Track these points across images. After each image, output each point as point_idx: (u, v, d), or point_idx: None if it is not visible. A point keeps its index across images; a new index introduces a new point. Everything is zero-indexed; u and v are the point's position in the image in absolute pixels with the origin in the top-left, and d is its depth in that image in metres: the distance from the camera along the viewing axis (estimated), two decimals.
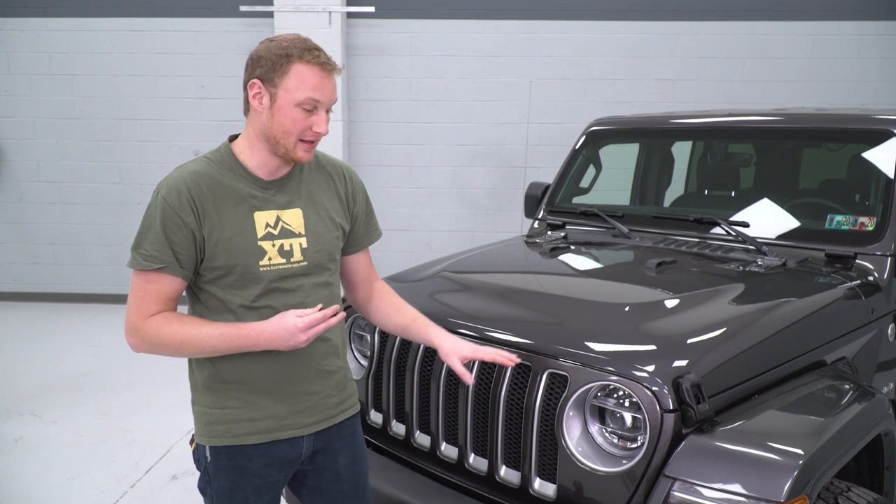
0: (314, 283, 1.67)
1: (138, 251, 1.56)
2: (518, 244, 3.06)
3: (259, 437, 1.65)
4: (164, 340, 1.55)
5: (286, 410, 1.67)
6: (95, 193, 6.74)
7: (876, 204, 2.61)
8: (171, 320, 1.57)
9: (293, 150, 1.59)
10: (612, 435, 1.80)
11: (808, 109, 3.31)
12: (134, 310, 1.57)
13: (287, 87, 1.54)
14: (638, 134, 3.54)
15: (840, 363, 2.20)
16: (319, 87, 1.56)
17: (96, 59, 6.51)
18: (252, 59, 1.59)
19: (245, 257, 1.58)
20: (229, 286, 1.60)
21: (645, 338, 1.92)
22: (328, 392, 1.73)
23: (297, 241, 1.64)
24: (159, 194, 1.56)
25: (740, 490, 1.55)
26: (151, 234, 1.55)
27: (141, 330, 1.57)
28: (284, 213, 1.64)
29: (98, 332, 5.91)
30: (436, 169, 6.64)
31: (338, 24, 6.19)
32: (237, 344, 1.56)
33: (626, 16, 6.32)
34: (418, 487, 2.13)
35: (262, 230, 1.60)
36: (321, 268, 1.69)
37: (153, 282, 1.56)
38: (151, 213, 1.56)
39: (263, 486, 1.69)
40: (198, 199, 1.55)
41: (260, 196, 1.62)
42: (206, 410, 1.67)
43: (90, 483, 3.37)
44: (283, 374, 1.65)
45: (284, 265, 1.62)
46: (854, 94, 6.26)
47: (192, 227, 1.55)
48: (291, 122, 1.56)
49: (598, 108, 5.93)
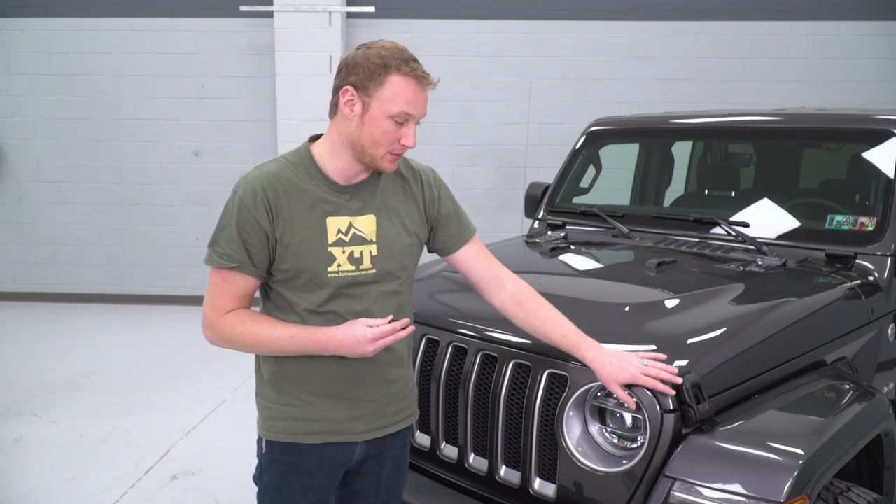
0: (382, 290, 1.65)
1: (214, 248, 1.59)
2: (518, 244, 3.05)
3: (314, 438, 1.66)
4: (237, 338, 1.59)
5: (344, 415, 1.67)
6: (95, 193, 6.74)
7: (876, 204, 2.61)
8: (245, 319, 1.59)
9: (380, 160, 1.58)
10: (612, 435, 1.80)
11: (808, 109, 3.31)
12: (210, 306, 1.61)
13: (382, 98, 1.53)
14: (638, 134, 3.54)
15: (840, 363, 2.20)
16: (414, 100, 1.55)
17: (96, 59, 6.52)
18: (347, 64, 1.56)
19: (313, 263, 1.58)
20: (297, 289, 1.61)
21: (645, 338, 1.92)
22: (387, 401, 1.72)
23: (368, 249, 1.63)
24: (237, 194, 1.58)
25: (740, 490, 1.55)
26: (227, 233, 1.57)
27: (216, 326, 1.60)
28: (357, 219, 1.62)
29: (98, 332, 5.92)
30: (436, 169, 6.61)
31: (338, 24, 6.19)
32: (307, 347, 1.58)
33: (626, 16, 6.33)
34: (418, 487, 2.13)
35: (334, 236, 1.59)
36: (390, 276, 1.67)
37: (228, 280, 1.59)
38: (229, 211, 1.58)
39: (311, 487, 1.69)
40: (273, 201, 1.56)
41: (333, 201, 1.61)
42: (268, 405, 1.69)
43: (90, 483, 3.37)
44: (344, 380, 1.66)
45: (353, 272, 1.61)
46: (854, 94, 6.26)
47: (266, 228, 1.56)
48: (382, 134, 1.55)
49: (598, 108, 5.93)
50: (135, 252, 6.83)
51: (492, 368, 2.01)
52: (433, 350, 2.18)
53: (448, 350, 2.12)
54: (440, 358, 2.14)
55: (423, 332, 2.20)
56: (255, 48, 6.45)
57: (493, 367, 2.01)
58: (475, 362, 2.04)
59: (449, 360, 2.12)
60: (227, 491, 3.30)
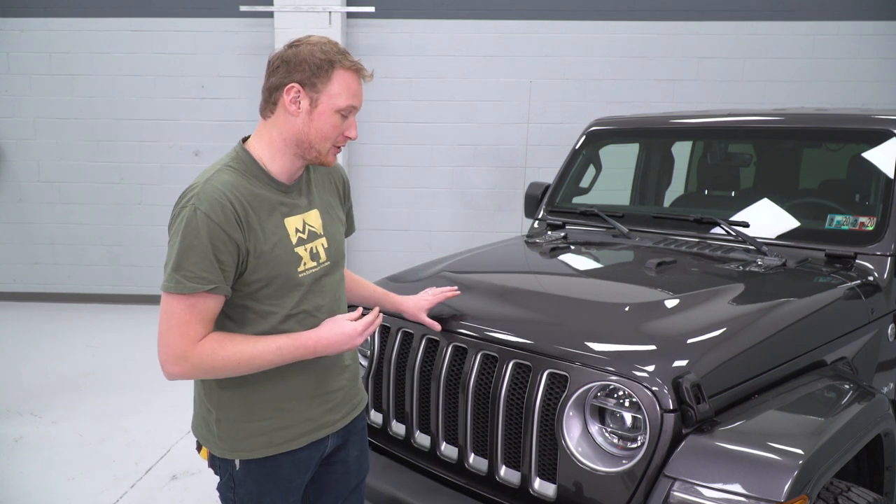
0: (333, 280, 1.71)
1: (181, 273, 1.44)
2: (518, 244, 3.05)
3: (297, 443, 1.66)
4: (220, 364, 1.48)
5: (320, 410, 1.69)
6: (95, 193, 6.74)
7: (876, 204, 2.61)
8: (224, 342, 1.50)
9: (325, 154, 1.60)
10: (612, 435, 1.80)
11: (808, 109, 3.31)
12: (177, 337, 1.46)
13: (330, 93, 1.54)
14: (638, 134, 3.54)
15: (840, 363, 2.20)
16: (358, 93, 1.59)
17: (96, 59, 6.52)
18: (287, 61, 1.54)
19: (286, 266, 1.58)
20: (267, 297, 1.57)
21: (645, 338, 1.92)
22: (349, 385, 1.78)
23: (321, 242, 1.68)
24: (198, 210, 1.45)
25: (740, 490, 1.55)
26: (196, 254, 1.44)
27: (192, 357, 1.47)
28: (307, 215, 1.67)
29: (98, 332, 5.92)
30: (436, 169, 6.64)
31: (338, 24, 6.19)
32: (296, 354, 1.56)
33: (626, 16, 6.33)
34: (418, 487, 2.13)
35: (294, 236, 1.61)
36: (337, 265, 1.74)
37: (197, 305, 1.47)
38: (192, 230, 1.45)
39: (290, 490, 1.70)
40: (241, 212, 1.50)
41: (286, 202, 1.62)
42: (239, 426, 1.62)
43: (90, 483, 3.37)
44: (315, 377, 1.68)
45: (315, 268, 1.65)
46: (854, 94, 6.26)
47: (238, 241, 1.49)
48: (331, 128, 1.57)
49: (598, 108, 5.93)
50: (135, 252, 6.83)
51: (492, 368, 2.01)
52: (433, 350, 2.18)
53: (448, 350, 2.12)
54: (440, 358, 2.14)
55: (423, 332, 2.20)
56: (255, 48, 6.45)
57: (492, 367, 2.01)
58: (475, 362, 2.04)
59: (449, 360, 2.12)
60: None
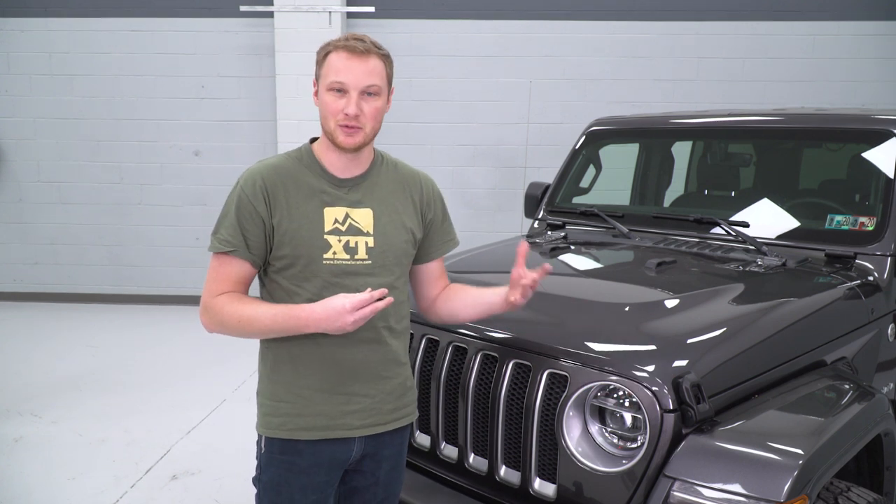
0: (379, 283, 1.68)
1: (216, 236, 1.67)
2: (518, 244, 3.05)
3: (310, 434, 1.68)
4: (226, 319, 1.63)
5: (337, 410, 1.69)
6: (95, 193, 6.74)
7: (876, 204, 2.61)
8: (233, 300, 1.64)
9: (335, 134, 1.65)
10: (612, 435, 1.80)
11: (808, 109, 3.31)
12: (206, 289, 1.68)
13: (322, 76, 1.65)
14: (638, 134, 3.54)
15: (840, 363, 2.20)
16: (343, 69, 1.62)
17: (96, 59, 6.52)
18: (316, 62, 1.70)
19: (309, 249, 1.64)
20: (294, 277, 1.66)
21: (645, 338, 1.92)
22: (382, 398, 1.74)
23: (364, 240, 1.68)
24: (238, 184, 1.68)
25: (740, 490, 1.55)
26: (227, 220, 1.66)
27: (209, 308, 1.66)
28: (354, 210, 1.69)
29: (98, 332, 5.92)
30: (436, 169, 6.60)
31: (338, 24, 6.19)
32: (289, 324, 1.60)
33: (626, 16, 6.33)
34: (418, 487, 2.13)
35: (330, 225, 1.66)
36: (386, 269, 1.71)
37: (225, 264, 1.66)
38: (230, 200, 1.67)
39: (309, 486, 1.70)
40: (271, 189, 1.65)
41: (332, 192, 1.68)
42: (266, 402, 1.73)
43: (90, 483, 3.37)
44: (337, 374, 1.68)
45: (347, 261, 1.66)
46: (854, 94, 6.26)
47: (263, 215, 1.64)
48: (325, 106, 1.64)
49: (598, 108, 5.93)
50: (135, 252, 6.83)
51: (492, 368, 2.01)
52: (433, 350, 2.18)
53: (448, 350, 2.12)
54: (440, 358, 2.14)
55: (423, 332, 2.20)
56: (254, 48, 6.45)
57: (493, 367, 2.01)
58: (475, 362, 2.04)
59: (449, 359, 2.12)
60: (227, 491, 3.30)
